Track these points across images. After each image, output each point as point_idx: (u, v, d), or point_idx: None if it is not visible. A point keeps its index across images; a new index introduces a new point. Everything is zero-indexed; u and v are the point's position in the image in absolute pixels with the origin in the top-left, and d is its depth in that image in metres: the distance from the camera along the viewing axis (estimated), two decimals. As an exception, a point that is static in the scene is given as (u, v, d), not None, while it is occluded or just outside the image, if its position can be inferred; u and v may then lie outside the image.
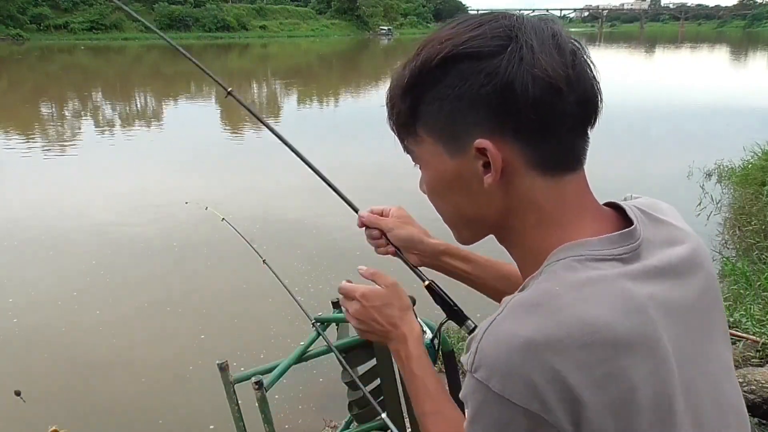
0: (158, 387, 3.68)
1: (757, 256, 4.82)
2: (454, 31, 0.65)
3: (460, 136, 0.65)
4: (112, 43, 50.90)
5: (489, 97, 0.62)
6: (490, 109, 0.62)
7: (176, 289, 4.93)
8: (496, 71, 0.61)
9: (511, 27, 0.63)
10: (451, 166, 0.67)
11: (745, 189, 6.95)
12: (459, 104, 0.64)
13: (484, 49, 0.62)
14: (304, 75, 29.37)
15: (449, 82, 0.64)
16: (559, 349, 0.56)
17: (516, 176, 0.65)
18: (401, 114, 0.70)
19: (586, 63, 0.65)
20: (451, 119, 0.65)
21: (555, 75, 0.61)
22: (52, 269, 5.38)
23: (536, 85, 0.61)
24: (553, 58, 0.61)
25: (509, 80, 0.61)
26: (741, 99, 17.20)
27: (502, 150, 0.63)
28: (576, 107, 0.63)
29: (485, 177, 0.65)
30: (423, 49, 0.66)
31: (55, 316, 4.49)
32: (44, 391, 3.57)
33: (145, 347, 4.09)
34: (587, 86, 0.64)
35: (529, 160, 0.64)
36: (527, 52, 0.61)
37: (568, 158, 0.66)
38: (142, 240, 6.07)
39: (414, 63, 0.66)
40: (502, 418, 0.58)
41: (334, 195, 1.24)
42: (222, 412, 1.98)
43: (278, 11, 76.19)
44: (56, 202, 7.44)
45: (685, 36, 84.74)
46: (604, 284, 0.61)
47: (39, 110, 16.67)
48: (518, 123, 0.62)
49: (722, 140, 10.56)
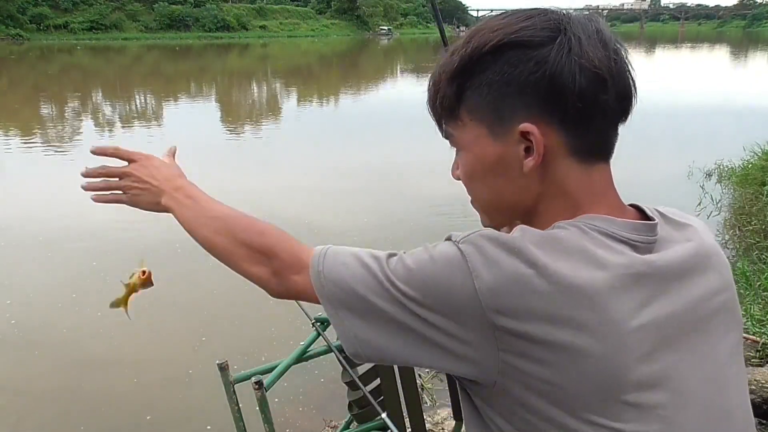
0: (158, 387, 3.67)
1: (757, 256, 4.82)
2: (505, 21, 0.68)
3: (505, 120, 0.68)
4: (112, 43, 50.87)
5: (537, 83, 0.65)
6: (537, 95, 0.66)
7: (176, 290, 4.93)
8: (546, 59, 0.65)
9: (560, 20, 0.67)
10: (493, 149, 0.70)
11: (745, 189, 6.95)
12: (507, 89, 0.67)
13: (535, 39, 0.66)
14: (304, 75, 29.37)
15: (499, 68, 0.67)
16: (538, 275, 0.62)
17: (554, 162, 0.68)
18: (446, 98, 0.72)
19: (626, 60, 0.69)
20: (497, 103, 0.68)
21: (601, 66, 0.65)
22: (51, 269, 5.38)
23: (583, 74, 0.64)
24: (598, 51, 0.65)
25: (558, 69, 0.64)
26: (741, 99, 17.20)
27: (545, 135, 0.67)
28: (615, 101, 0.67)
29: (526, 161, 0.68)
30: (473, 37, 0.69)
31: (54, 317, 4.49)
32: (44, 391, 3.57)
33: (145, 347, 4.09)
34: (627, 82, 0.68)
35: (568, 146, 0.68)
36: (575, 44, 0.65)
37: (601, 148, 0.70)
38: (142, 239, 6.06)
39: (464, 50, 0.69)
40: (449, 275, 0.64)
41: (333, 197, 1.25)
42: (222, 412, 1.97)
43: (278, 11, 76.21)
44: (55, 201, 7.43)
45: (685, 36, 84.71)
46: (580, 250, 0.65)
47: (38, 110, 16.67)
48: (563, 110, 0.66)
49: (722, 140, 10.55)
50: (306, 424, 3.26)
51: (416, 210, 6.81)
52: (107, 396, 3.56)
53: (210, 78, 26.97)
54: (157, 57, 39.51)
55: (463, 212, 3.83)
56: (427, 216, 6.53)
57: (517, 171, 0.69)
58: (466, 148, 0.74)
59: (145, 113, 17.23)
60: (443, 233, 0.70)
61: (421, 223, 6.29)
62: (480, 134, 0.70)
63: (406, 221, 6.36)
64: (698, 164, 8.33)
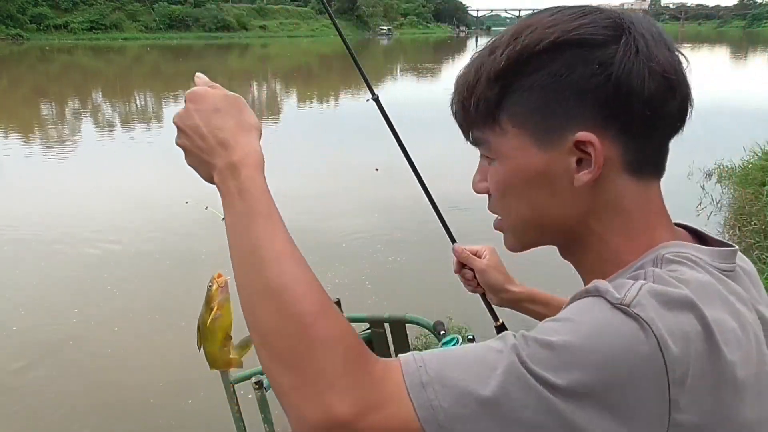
0: (157, 388, 3.66)
1: (757, 256, 4.82)
2: (558, 17, 0.61)
3: (556, 129, 0.60)
4: (112, 43, 50.84)
5: (600, 88, 0.58)
6: (599, 100, 0.58)
7: (178, 291, 4.93)
8: (611, 61, 0.57)
9: (621, 18, 0.60)
10: (538, 160, 0.62)
11: (745, 189, 6.94)
12: (561, 94, 0.59)
13: (597, 38, 0.58)
14: (304, 75, 29.35)
15: (554, 69, 0.59)
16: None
17: (609, 177, 0.61)
18: (483, 102, 0.63)
19: (685, 66, 0.62)
20: (548, 109, 0.60)
21: (671, 70, 0.59)
22: (52, 273, 5.37)
23: (653, 79, 0.57)
24: (666, 53, 0.59)
25: (626, 72, 0.57)
26: (741, 99, 17.18)
27: (604, 146, 0.59)
28: (677, 110, 0.61)
29: (579, 174, 0.60)
30: (521, 33, 0.61)
31: (57, 318, 4.49)
32: (48, 392, 3.57)
33: (145, 349, 4.09)
34: (688, 90, 0.62)
35: (626, 160, 0.61)
36: (642, 45, 0.58)
37: (659, 163, 0.64)
38: (145, 242, 6.06)
39: (512, 47, 0.61)
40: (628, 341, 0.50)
41: (336, 197, 1.25)
42: (222, 413, 1.96)
43: (278, 11, 76.21)
44: (57, 204, 7.43)
45: (685, 36, 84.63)
46: (718, 293, 0.57)
47: (38, 110, 16.66)
48: (628, 118, 0.59)
49: (722, 140, 10.54)
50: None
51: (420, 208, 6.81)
52: (106, 396, 3.56)
53: (211, 78, 26.92)
54: (157, 57, 39.49)
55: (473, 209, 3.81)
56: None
57: (564, 185, 0.61)
58: (503, 157, 0.65)
59: (146, 113, 17.21)
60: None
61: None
62: (523, 143, 0.62)
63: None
64: (698, 164, 8.33)
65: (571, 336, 0.51)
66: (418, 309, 2.15)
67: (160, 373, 3.80)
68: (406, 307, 2.34)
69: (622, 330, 0.50)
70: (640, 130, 0.59)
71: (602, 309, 0.52)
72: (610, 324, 0.51)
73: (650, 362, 0.49)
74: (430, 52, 51.67)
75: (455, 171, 3.19)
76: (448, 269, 1.19)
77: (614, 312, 0.51)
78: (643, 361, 0.49)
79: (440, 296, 4.11)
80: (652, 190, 0.64)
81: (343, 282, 4.84)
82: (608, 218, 0.63)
